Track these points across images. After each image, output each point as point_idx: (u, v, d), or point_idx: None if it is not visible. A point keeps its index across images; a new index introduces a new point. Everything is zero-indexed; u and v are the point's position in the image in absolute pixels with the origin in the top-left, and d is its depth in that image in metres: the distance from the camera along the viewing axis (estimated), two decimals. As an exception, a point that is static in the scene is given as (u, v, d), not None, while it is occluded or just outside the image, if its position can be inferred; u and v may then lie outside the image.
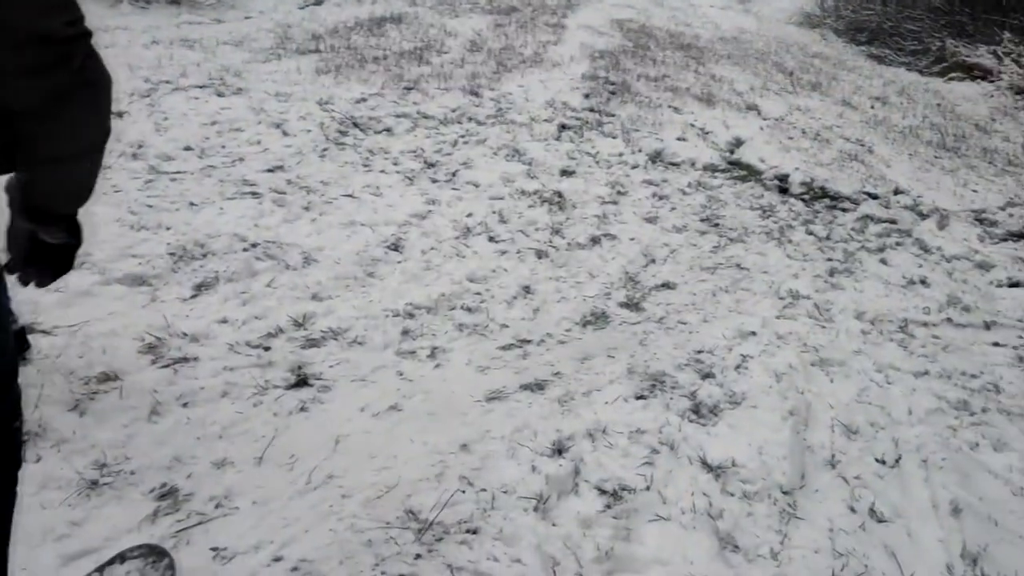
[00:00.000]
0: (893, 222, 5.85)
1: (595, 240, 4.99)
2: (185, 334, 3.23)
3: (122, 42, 8.14)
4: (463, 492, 2.48)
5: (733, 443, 2.91)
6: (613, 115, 7.56)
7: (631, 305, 4.20)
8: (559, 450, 2.77)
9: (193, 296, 3.60)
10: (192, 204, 4.61)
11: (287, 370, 3.11)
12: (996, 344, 4.09)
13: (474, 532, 2.34)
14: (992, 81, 11.23)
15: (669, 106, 8.08)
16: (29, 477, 2.34)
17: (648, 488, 2.59)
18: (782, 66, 11.05)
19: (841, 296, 4.49)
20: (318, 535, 2.26)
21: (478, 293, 4.10)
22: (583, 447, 2.79)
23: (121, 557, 2.10)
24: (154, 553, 2.12)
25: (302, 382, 3.06)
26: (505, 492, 2.51)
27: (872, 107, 9.52)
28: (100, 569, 2.06)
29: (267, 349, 3.25)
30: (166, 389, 2.84)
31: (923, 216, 6.00)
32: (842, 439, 3.03)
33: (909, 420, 3.25)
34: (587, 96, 8.05)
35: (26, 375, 2.76)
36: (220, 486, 2.41)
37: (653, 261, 4.83)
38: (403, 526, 2.32)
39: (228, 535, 2.24)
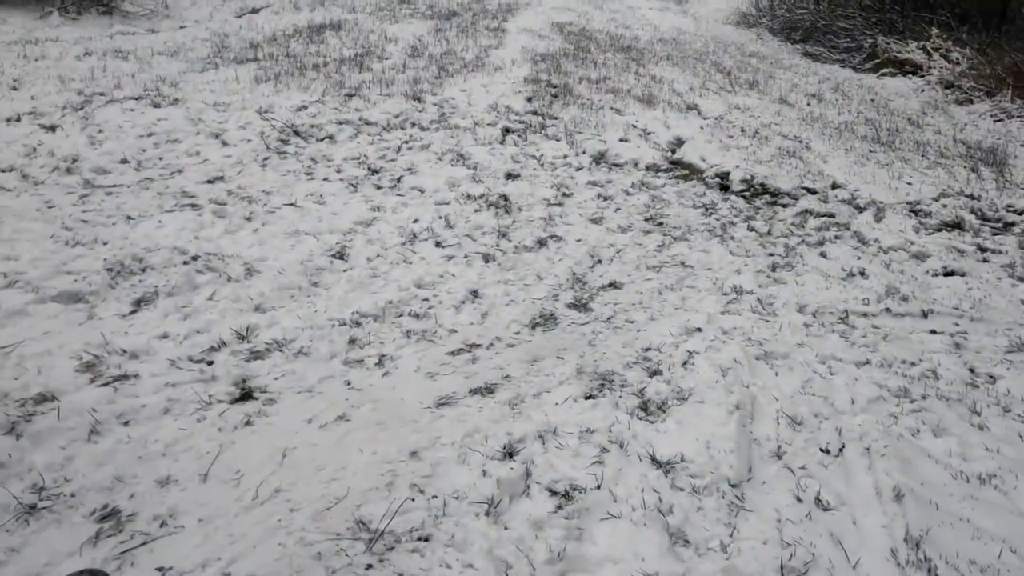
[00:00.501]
0: (831, 216, 5.97)
1: (542, 242, 5.01)
2: (124, 351, 3.16)
3: (53, 54, 7.93)
4: (413, 500, 2.47)
5: (681, 439, 2.94)
6: (556, 118, 7.60)
7: (579, 306, 4.23)
8: (510, 453, 2.77)
9: (132, 312, 3.52)
10: (129, 218, 4.51)
11: (231, 384, 3.06)
12: (933, 332, 4.19)
13: (426, 539, 2.32)
14: (922, 76, 11.54)
15: (611, 108, 8.15)
16: (-38, 505, 2.27)
17: (599, 487, 2.61)
18: (720, 66, 11.22)
19: (783, 290, 4.56)
20: (266, 550, 2.22)
21: (426, 299, 4.08)
22: (534, 449, 2.79)
23: None
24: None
25: (247, 396, 3.01)
26: (456, 498, 2.50)
27: (808, 104, 9.71)
28: None
29: (210, 363, 3.19)
30: (106, 408, 2.77)
31: (860, 209, 6.13)
32: (787, 430, 3.09)
33: (852, 409, 3.31)
34: (530, 99, 8.08)
35: (-43, 399, 2.67)
36: (164, 505, 2.36)
37: (600, 261, 4.86)
38: (354, 537, 2.30)
39: (174, 554, 2.19)
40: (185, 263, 4.04)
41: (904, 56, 12.04)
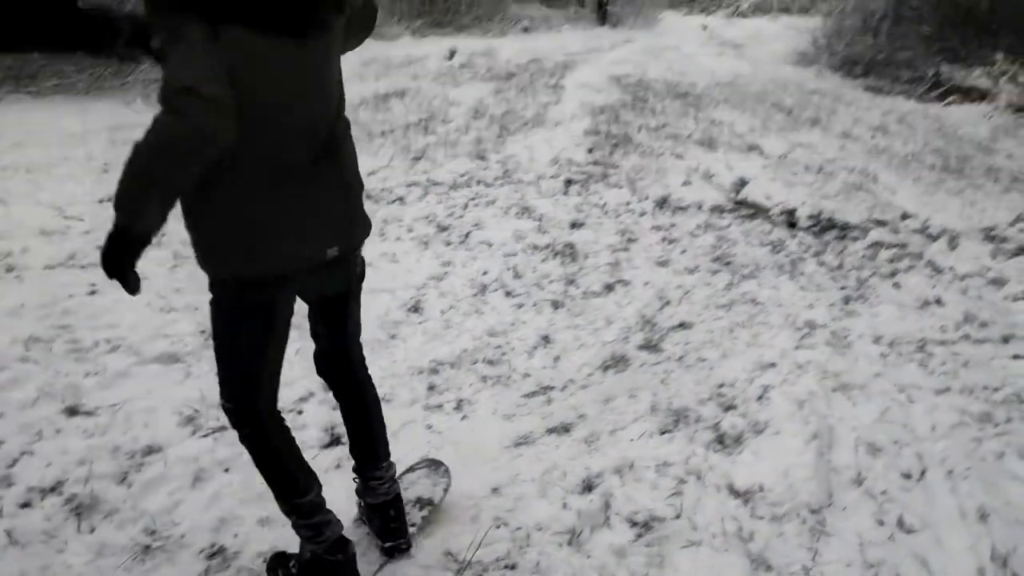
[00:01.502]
0: (903, 246, 5.91)
1: (609, 287, 5.10)
2: (221, 405, 3.36)
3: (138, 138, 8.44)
4: (498, 528, 2.56)
5: (759, 469, 2.97)
6: (617, 166, 7.74)
7: (650, 346, 4.28)
8: (589, 487, 2.84)
9: (225, 370, 3.73)
10: (217, 284, 4.77)
11: (320, 430, 3.23)
12: (1016, 356, 4.12)
13: (512, 567, 2.41)
14: (991, 102, 11.36)
15: (671, 153, 8.26)
16: (85, 546, 2.46)
17: (678, 516, 2.66)
18: (780, 105, 11.25)
19: (857, 322, 4.54)
20: (362, 581, 2.34)
21: (499, 346, 4.20)
22: (612, 483, 2.86)
23: (411, 469, 2.82)
24: (435, 463, 2.82)
25: (335, 441, 3.17)
26: (539, 529, 2.59)
27: (873, 137, 9.65)
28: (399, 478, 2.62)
29: (300, 412, 3.37)
30: (207, 456, 2.97)
31: (933, 238, 6.06)
32: (866, 457, 3.08)
33: (933, 435, 3.29)
34: (590, 150, 8.25)
35: (75, 453, 2.90)
36: (266, 542, 2.51)
37: (668, 303, 4.92)
38: (443, 568, 2.40)
39: (276, 589, 2.32)
40: (271, 323, 4.25)
41: (970, 83, 11.90)
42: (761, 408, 3.52)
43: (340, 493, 2.80)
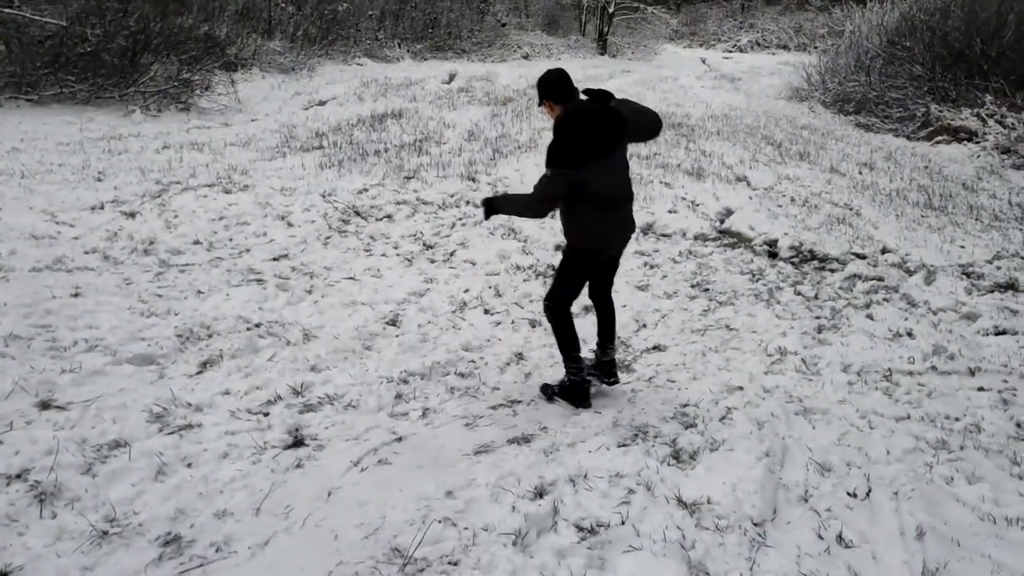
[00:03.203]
0: (880, 279, 6.01)
1: (588, 308, 5.18)
2: (190, 404, 3.46)
3: (135, 148, 8.59)
4: (439, 522, 2.65)
5: (709, 483, 3.04)
6: (605, 192, 7.84)
7: (622, 367, 4.37)
8: (540, 493, 2.92)
9: (198, 372, 3.83)
10: (199, 292, 4.88)
11: (285, 432, 3.32)
12: (980, 389, 4.18)
13: (455, 564, 2.49)
14: (978, 142, 11.50)
15: (660, 181, 8.38)
16: (45, 530, 2.54)
17: (623, 523, 2.73)
18: (771, 138, 11.38)
19: (828, 351, 4.62)
20: (310, 573, 2.41)
21: (472, 361, 4.29)
22: (564, 490, 2.94)
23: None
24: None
25: (298, 443, 3.26)
26: (486, 530, 2.67)
27: (860, 173, 9.76)
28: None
29: (266, 415, 3.47)
30: (171, 452, 3.06)
31: (910, 273, 6.15)
32: (816, 476, 3.16)
33: (886, 459, 3.35)
34: (580, 176, 8.35)
35: (43, 444, 2.98)
36: (220, 533, 2.59)
37: (644, 326, 5.01)
38: (389, 562, 2.48)
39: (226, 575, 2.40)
40: (248, 329, 4.36)
41: (958, 123, 12.03)
42: (722, 428, 3.59)
43: (299, 492, 2.90)
